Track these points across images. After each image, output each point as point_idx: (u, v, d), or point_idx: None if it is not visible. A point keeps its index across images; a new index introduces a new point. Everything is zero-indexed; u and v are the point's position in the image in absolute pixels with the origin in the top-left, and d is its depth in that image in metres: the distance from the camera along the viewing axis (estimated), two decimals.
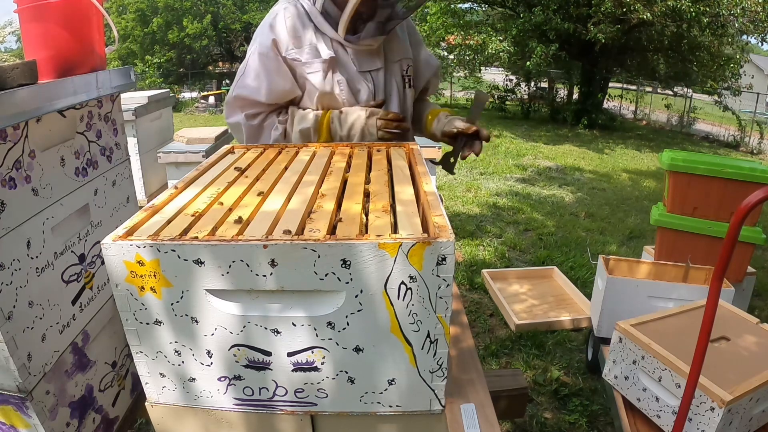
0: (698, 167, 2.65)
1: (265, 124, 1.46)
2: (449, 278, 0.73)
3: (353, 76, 1.45)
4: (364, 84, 1.46)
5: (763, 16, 8.76)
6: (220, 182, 1.02)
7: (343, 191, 0.96)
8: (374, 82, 1.47)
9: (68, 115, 1.03)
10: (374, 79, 1.47)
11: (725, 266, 1.13)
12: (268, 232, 0.76)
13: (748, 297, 2.88)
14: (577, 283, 3.46)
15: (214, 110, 13.88)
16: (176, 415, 0.88)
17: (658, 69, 12.05)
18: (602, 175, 6.98)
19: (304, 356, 0.80)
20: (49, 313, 0.95)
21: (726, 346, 1.74)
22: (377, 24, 1.41)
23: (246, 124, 1.45)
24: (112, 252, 0.73)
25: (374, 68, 1.47)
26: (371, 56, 1.45)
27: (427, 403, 0.83)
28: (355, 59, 1.44)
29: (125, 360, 1.22)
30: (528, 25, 9.91)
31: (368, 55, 1.45)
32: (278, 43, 1.38)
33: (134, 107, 3.16)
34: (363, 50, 1.44)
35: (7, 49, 12.75)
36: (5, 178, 0.84)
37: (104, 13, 1.09)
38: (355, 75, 1.45)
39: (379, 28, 1.42)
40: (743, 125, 10.74)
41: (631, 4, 8.71)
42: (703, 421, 1.51)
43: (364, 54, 1.44)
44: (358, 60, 1.44)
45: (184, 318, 0.78)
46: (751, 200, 1.07)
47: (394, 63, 1.50)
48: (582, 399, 2.37)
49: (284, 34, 1.38)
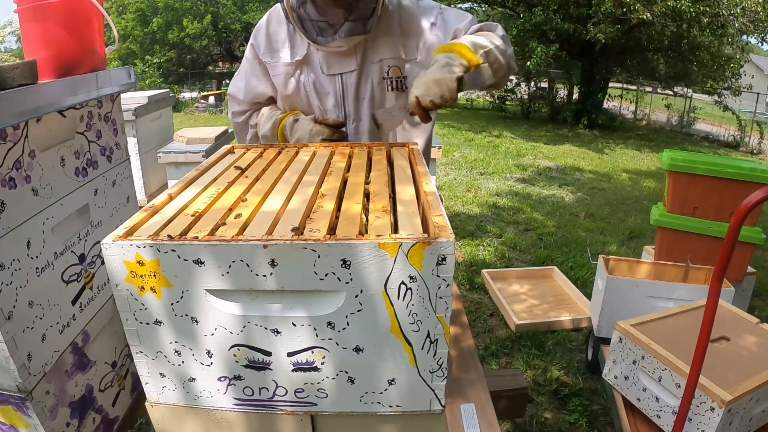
0: (698, 167, 2.65)
1: (249, 122, 1.57)
2: (449, 278, 0.73)
3: (320, 79, 1.43)
4: (331, 87, 1.43)
5: (763, 16, 8.77)
6: (220, 182, 1.02)
7: (343, 191, 0.96)
8: (343, 85, 1.43)
9: (68, 115, 1.03)
10: (344, 82, 1.43)
11: (725, 266, 1.13)
12: (268, 232, 0.76)
13: (748, 297, 2.88)
14: (577, 283, 3.46)
15: (214, 110, 13.88)
16: (176, 415, 0.88)
17: (658, 69, 12.07)
18: (602, 175, 6.98)
19: (304, 356, 0.80)
20: (49, 313, 0.95)
21: (726, 346, 1.74)
22: (352, 24, 1.34)
23: (232, 121, 1.60)
24: (112, 252, 0.73)
25: (345, 71, 1.41)
26: (343, 58, 1.40)
27: (427, 403, 0.83)
28: (323, 62, 1.41)
29: (125, 360, 1.22)
30: (528, 25, 9.91)
31: (339, 57, 1.40)
32: (256, 46, 1.47)
33: (134, 107, 3.16)
34: (333, 52, 1.39)
35: (7, 49, 12.76)
36: (5, 178, 0.84)
37: (104, 13, 1.09)
38: (323, 78, 1.43)
39: (352, 29, 1.35)
40: (743, 125, 10.74)
41: (631, 4, 8.72)
42: (703, 421, 1.51)
43: (335, 56, 1.40)
44: (326, 62, 1.41)
45: (184, 318, 0.78)
46: (751, 200, 1.07)
47: (374, 64, 1.42)
48: (582, 399, 2.37)
49: (262, 38, 1.45)
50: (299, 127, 1.43)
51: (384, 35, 1.41)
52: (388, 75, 1.43)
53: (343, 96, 1.44)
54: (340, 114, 1.46)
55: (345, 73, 1.42)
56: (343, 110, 1.46)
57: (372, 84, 1.43)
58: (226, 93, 17.27)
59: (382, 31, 1.41)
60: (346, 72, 1.42)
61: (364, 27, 1.34)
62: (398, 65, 1.43)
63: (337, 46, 1.36)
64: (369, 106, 1.45)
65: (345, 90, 1.44)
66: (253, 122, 1.55)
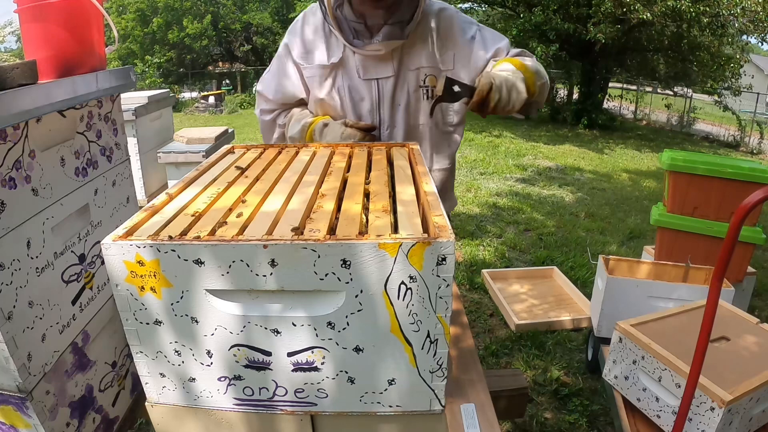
0: (698, 167, 2.65)
1: (277, 121, 1.54)
2: (449, 278, 0.73)
3: (355, 83, 1.39)
4: (367, 92, 1.40)
5: (763, 16, 8.76)
6: (220, 182, 1.02)
7: (343, 191, 0.96)
8: (379, 90, 1.39)
9: (68, 115, 1.03)
10: (380, 88, 1.39)
11: (725, 266, 1.13)
12: (268, 232, 0.76)
13: (748, 297, 2.88)
14: (577, 283, 3.46)
15: (214, 110, 13.87)
16: (176, 415, 0.88)
17: (658, 69, 12.07)
18: (602, 175, 6.98)
19: (304, 356, 0.80)
20: (49, 313, 0.95)
21: (726, 346, 1.74)
22: (390, 28, 1.31)
23: (259, 118, 1.57)
24: (112, 252, 0.73)
25: (382, 76, 1.38)
26: (380, 63, 1.37)
27: (427, 403, 0.83)
28: (360, 66, 1.38)
29: (125, 360, 1.22)
30: (528, 25, 9.91)
31: (377, 62, 1.37)
32: (291, 46, 1.43)
33: (134, 107, 3.15)
34: (371, 56, 1.36)
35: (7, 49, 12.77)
36: (5, 178, 0.84)
37: (104, 13, 1.09)
38: (358, 82, 1.39)
39: (391, 33, 1.32)
40: (743, 125, 10.75)
41: (631, 4, 8.72)
42: (703, 421, 1.51)
43: (372, 60, 1.37)
44: (363, 67, 1.38)
45: (184, 318, 0.78)
46: (751, 200, 1.07)
47: (410, 71, 1.39)
48: (582, 399, 2.37)
49: (298, 38, 1.42)
50: (329, 131, 1.39)
51: (421, 42, 1.38)
52: (425, 83, 1.40)
53: (379, 102, 1.41)
54: (375, 120, 1.43)
55: (381, 79, 1.39)
56: (378, 116, 1.42)
57: (408, 91, 1.40)
58: (225, 93, 17.17)
59: (420, 39, 1.38)
60: (383, 78, 1.39)
61: (402, 31, 1.32)
62: (435, 74, 1.40)
63: (374, 49, 1.33)
64: (404, 114, 1.42)
65: (381, 96, 1.40)
66: (282, 122, 1.52)
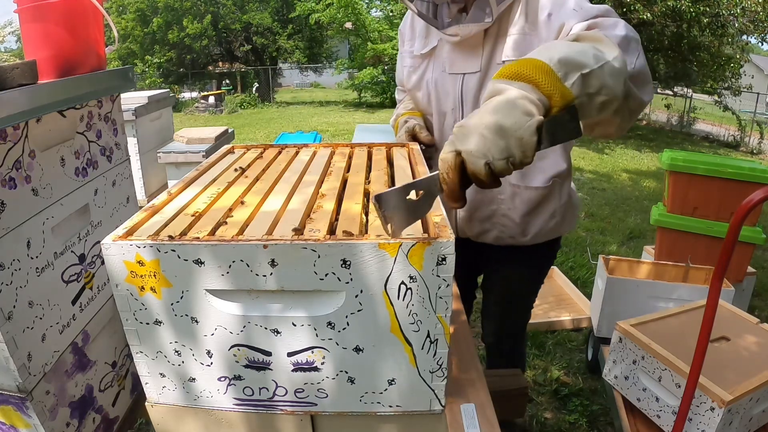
0: (698, 167, 2.65)
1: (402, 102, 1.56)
2: (449, 278, 0.73)
3: (442, 77, 1.27)
4: (452, 87, 1.25)
5: (763, 16, 8.77)
6: (220, 182, 1.02)
7: (343, 191, 0.96)
8: (463, 87, 1.24)
9: (68, 115, 1.03)
10: (464, 84, 1.23)
11: (725, 266, 1.13)
12: (268, 232, 0.76)
13: (748, 297, 2.88)
14: (577, 283, 3.46)
15: (214, 110, 13.85)
16: (176, 415, 0.88)
17: (658, 69, 12.05)
18: (602, 175, 6.98)
19: (304, 356, 0.80)
20: (49, 313, 0.95)
21: (726, 346, 1.74)
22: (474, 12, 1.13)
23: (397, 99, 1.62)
24: (112, 252, 0.73)
25: (468, 71, 1.22)
26: (468, 56, 1.21)
27: (427, 403, 0.83)
28: (447, 58, 1.24)
29: (125, 360, 1.22)
30: None
31: (465, 55, 1.21)
32: (402, 35, 1.45)
33: (134, 107, 3.15)
34: (458, 47, 1.22)
35: (7, 49, 12.77)
36: (5, 178, 0.84)
37: (104, 13, 1.09)
38: (445, 76, 1.26)
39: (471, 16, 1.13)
40: (743, 125, 10.74)
41: (631, 4, 8.73)
42: (703, 421, 1.51)
43: (460, 53, 1.22)
44: (450, 59, 1.24)
45: (184, 318, 0.78)
46: (751, 200, 1.07)
47: (498, 65, 1.18)
48: (582, 399, 2.37)
49: (406, 25, 1.42)
50: (399, 134, 1.39)
51: (515, 33, 1.16)
52: None
53: (462, 100, 1.25)
54: (458, 118, 1.27)
55: (467, 74, 1.23)
56: (461, 115, 1.27)
57: None
58: (225, 93, 17.01)
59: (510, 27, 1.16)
60: (469, 73, 1.23)
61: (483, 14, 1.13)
62: None
63: (451, 33, 1.18)
64: None
65: (464, 93, 1.25)
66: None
